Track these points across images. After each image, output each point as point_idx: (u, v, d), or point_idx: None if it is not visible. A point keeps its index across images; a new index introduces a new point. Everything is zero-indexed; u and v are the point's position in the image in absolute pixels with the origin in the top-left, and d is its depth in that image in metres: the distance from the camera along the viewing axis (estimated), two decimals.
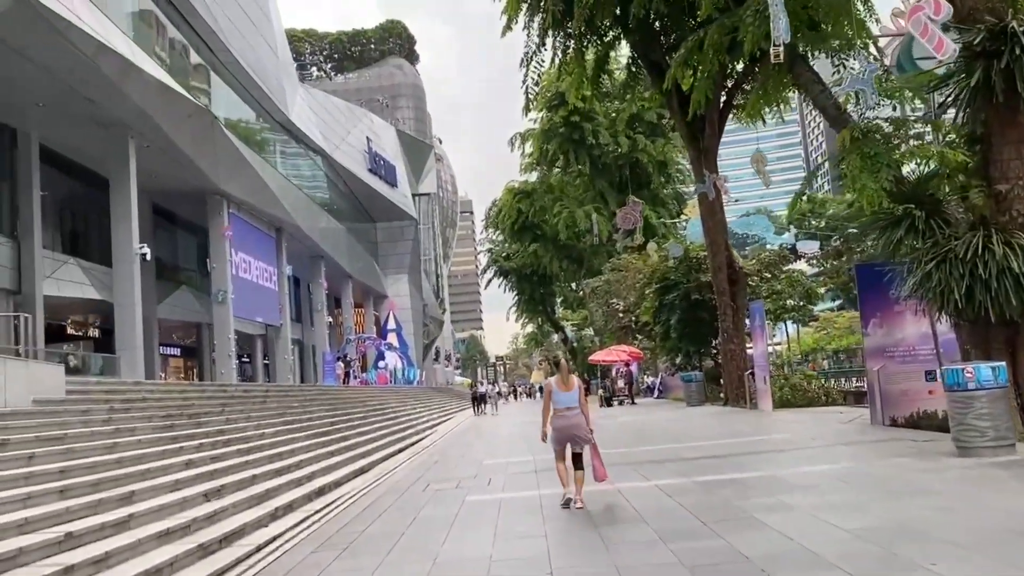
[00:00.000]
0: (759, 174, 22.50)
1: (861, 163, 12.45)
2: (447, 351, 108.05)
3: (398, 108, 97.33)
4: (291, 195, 39.79)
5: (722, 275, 27.99)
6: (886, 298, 16.74)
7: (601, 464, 9.78)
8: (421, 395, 46.06)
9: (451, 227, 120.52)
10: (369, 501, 11.40)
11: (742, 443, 15.10)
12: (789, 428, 17.65)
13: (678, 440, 16.82)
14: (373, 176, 56.69)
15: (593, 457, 9.73)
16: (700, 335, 33.91)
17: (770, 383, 24.19)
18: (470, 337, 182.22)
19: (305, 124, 44.88)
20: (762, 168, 22.01)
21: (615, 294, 48.37)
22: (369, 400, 29.90)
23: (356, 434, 19.93)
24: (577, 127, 57.37)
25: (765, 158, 22.02)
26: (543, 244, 65.42)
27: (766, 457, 12.65)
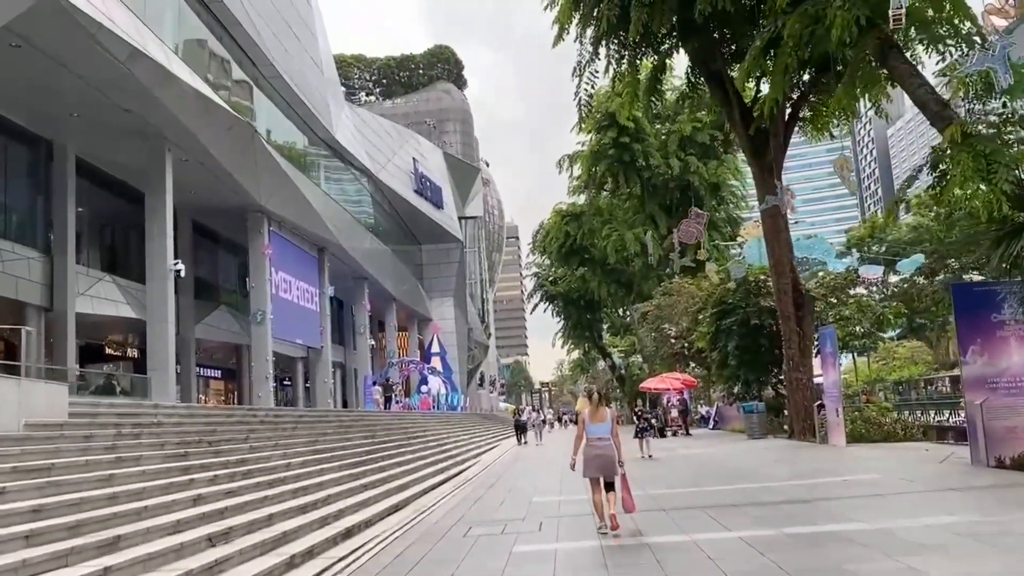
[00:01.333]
0: (843, 181, 20.63)
1: (973, 163, 10.71)
2: (492, 376, 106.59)
3: (445, 132, 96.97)
4: (334, 214, 38.82)
5: (787, 298, 26.09)
6: (987, 322, 14.91)
7: (630, 496, 10.10)
8: (465, 421, 44.53)
9: (497, 251, 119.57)
10: (401, 548, 9.86)
11: (826, 484, 13.27)
12: (874, 467, 15.72)
13: (750, 479, 15.01)
14: (419, 197, 55.70)
15: (623, 489, 9.98)
16: (760, 363, 31.96)
17: (842, 416, 22.17)
18: (515, 363, 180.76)
19: (350, 143, 44.03)
20: (847, 174, 20.11)
21: (666, 319, 46.48)
22: (410, 427, 28.46)
23: (393, 464, 18.47)
24: (627, 148, 55.80)
25: (851, 163, 20.10)
26: (591, 268, 63.77)
27: (863, 504, 10.84)
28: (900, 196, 13.49)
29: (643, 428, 22.80)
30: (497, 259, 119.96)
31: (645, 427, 22.94)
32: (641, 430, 22.67)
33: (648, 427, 23.20)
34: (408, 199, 53.66)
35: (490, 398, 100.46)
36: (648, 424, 23.45)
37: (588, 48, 26.21)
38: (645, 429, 22.77)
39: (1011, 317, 14.87)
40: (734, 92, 26.82)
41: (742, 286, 32.69)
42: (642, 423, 23.12)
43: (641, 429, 22.71)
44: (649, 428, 23.35)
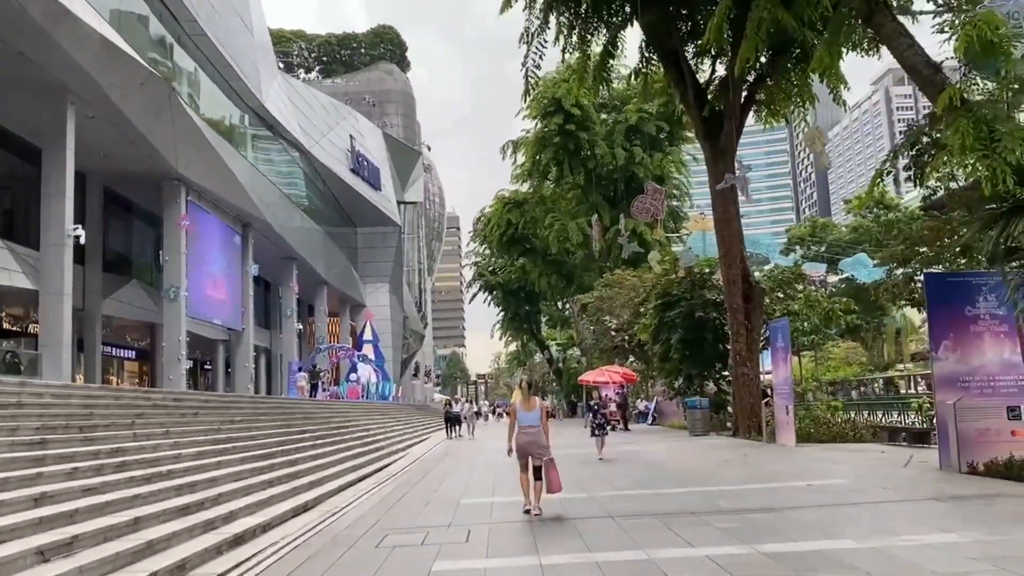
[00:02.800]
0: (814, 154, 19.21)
1: (975, 130, 9.37)
2: (427, 367, 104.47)
3: (386, 114, 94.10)
4: (261, 188, 36.49)
5: (736, 290, 24.90)
6: (961, 315, 13.75)
7: (557, 477, 10.71)
8: (395, 412, 42.57)
9: (437, 240, 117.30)
10: (296, 562, 8.06)
11: (789, 490, 11.88)
12: (835, 471, 14.44)
13: (703, 481, 13.57)
14: (355, 177, 53.38)
15: (550, 470, 10.65)
16: (703, 357, 30.85)
17: (793, 414, 21.03)
18: (452, 354, 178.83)
19: (282, 115, 41.64)
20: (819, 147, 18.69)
21: (607, 311, 45.26)
22: (333, 416, 26.48)
23: (308, 457, 16.56)
24: (572, 136, 54.49)
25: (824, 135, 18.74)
26: (532, 258, 62.40)
27: (839, 515, 9.43)
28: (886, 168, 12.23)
29: (600, 424, 19.54)
30: (437, 248, 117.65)
31: (602, 423, 19.62)
32: (598, 427, 19.49)
33: (605, 423, 19.92)
34: (343, 178, 51.33)
35: (424, 389, 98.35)
36: (605, 420, 20.13)
37: (538, 16, 24.58)
38: (602, 426, 19.51)
39: (986, 311, 13.77)
40: (688, 71, 25.53)
41: (687, 278, 31.54)
42: (598, 419, 19.73)
43: (598, 426, 19.51)
44: (606, 424, 20.06)
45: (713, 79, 26.07)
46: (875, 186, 12.40)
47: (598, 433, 19.26)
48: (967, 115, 9.56)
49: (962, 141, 9.34)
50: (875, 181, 12.52)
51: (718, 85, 25.75)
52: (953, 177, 12.58)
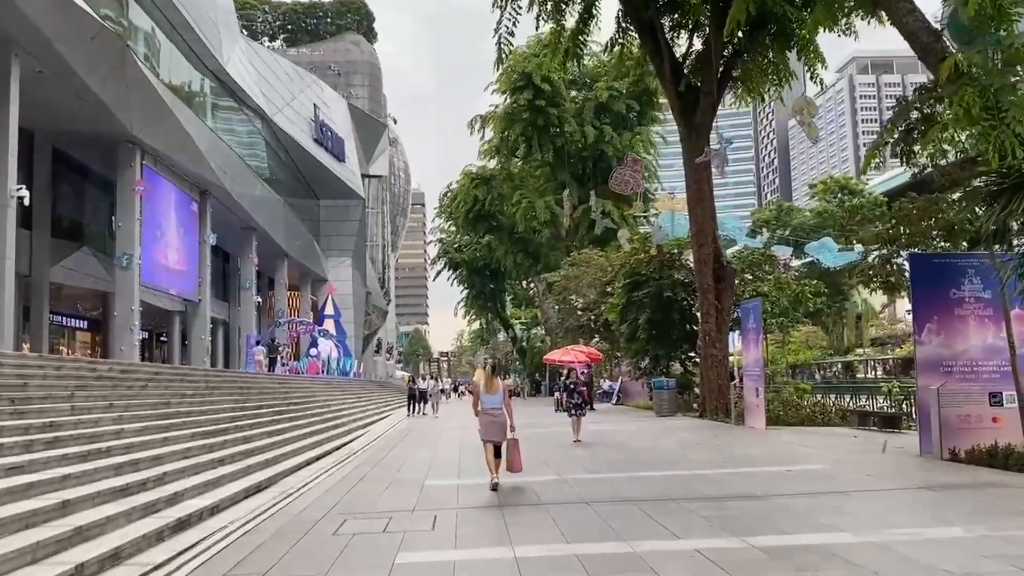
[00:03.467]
0: (803, 126, 18.68)
1: (980, 98, 8.83)
2: (390, 344, 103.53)
3: (352, 86, 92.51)
4: (221, 155, 35.19)
5: (707, 269, 24.46)
6: (946, 298, 13.34)
7: (519, 457, 11.04)
8: (356, 388, 41.74)
9: (401, 216, 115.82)
10: (243, 551, 7.33)
11: (770, 476, 11.39)
12: (812, 456, 14.01)
13: (677, 464, 13.04)
14: (319, 147, 52.01)
15: (513, 451, 10.97)
16: (671, 338, 30.48)
17: (763, 396, 20.66)
18: (415, 331, 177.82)
19: (244, 80, 40.22)
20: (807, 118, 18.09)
21: (573, 290, 44.75)
22: (292, 391, 25.61)
23: (263, 434, 15.76)
24: (542, 112, 53.61)
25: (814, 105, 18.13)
26: (498, 236, 61.61)
27: (828, 504, 8.92)
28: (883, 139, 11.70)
29: (577, 404, 18.03)
30: (401, 224, 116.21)
31: (579, 403, 18.11)
32: (575, 406, 18.02)
33: (583, 403, 18.41)
34: (306, 148, 49.97)
35: (386, 365, 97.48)
36: (582, 399, 18.47)
37: None
38: (579, 405, 18.05)
39: (971, 294, 13.38)
40: (665, 44, 24.88)
41: (656, 258, 31.07)
42: (575, 398, 18.16)
43: (575, 405, 18.03)
44: (584, 404, 18.58)
45: (690, 53, 25.49)
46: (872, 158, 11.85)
47: (575, 413, 18.05)
48: (972, 84, 9.03)
49: (967, 111, 8.82)
50: (871, 153, 11.97)
51: (695, 60, 25.16)
52: (944, 154, 12.10)
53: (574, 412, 18.14)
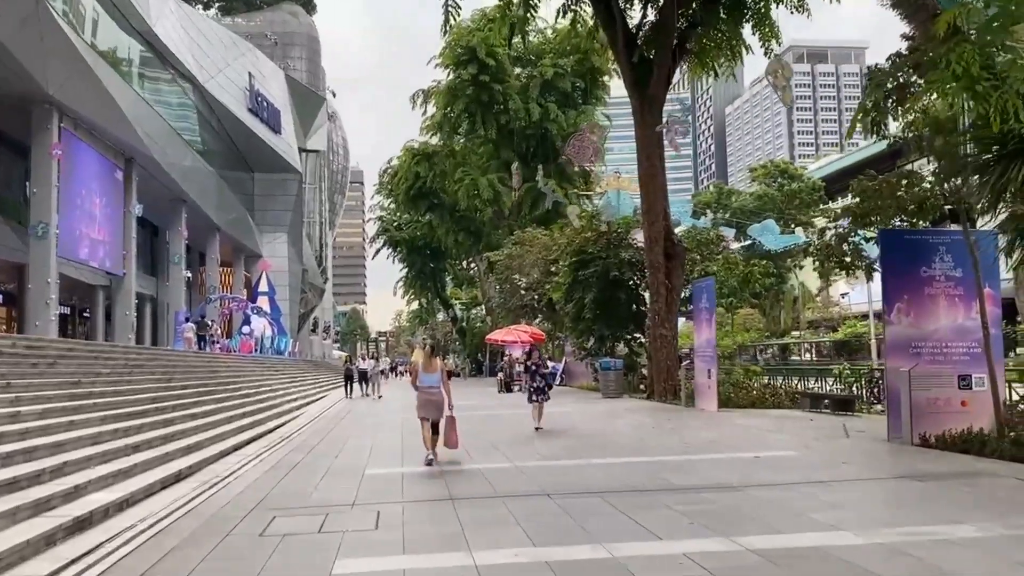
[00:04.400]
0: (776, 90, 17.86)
1: (981, 58, 8.11)
2: (327, 323, 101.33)
3: (290, 58, 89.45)
4: (148, 120, 33.16)
5: (658, 248, 23.75)
6: (917, 276, 12.77)
7: (455, 434, 11.47)
8: (291, 368, 40.21)
9: (340, 194, 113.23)
10: (151, 558, 6.20)
11: (738, 463, 10.64)
12: (776, 441, 13.36)
13: (639, 451, 12.22)
14: (253, 117, 49.81)
15: (450, 429, 11.39)
16: (617, 318, 29.84)
17: (715, 378, 20.07)
18: (352, 311, 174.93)
19: (173, 43, 38.02)
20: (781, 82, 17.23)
21: (516, 270, 43.84)
22: (221, 371, 24.15)
23: (187, 416, 14.47)
24: (486, 88, 52.39)
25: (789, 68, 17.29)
26: (439, 214, 60.33)
27: (811, 495, 8.17)
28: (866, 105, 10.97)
29: (538, 388, 15.85)
30: (339, 201, 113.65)
31: (541, 387, 15.88)
32: (536, 391, 15.85)
33: (545, 387, 16.04)
34: (240, 117, 47.76)
35: (323, 345, 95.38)
36: (545, 382, 16.10)
37: None
38: (541, 390, 15.85)
39: (942, 272, 12.83)
40: (619, 14, 23.97)
41: (603, 236, 30.36)
42: (537, 381, 15.89)
43: (536, 390, 15.85)
44: (546, 389, 16.09)
45: (644, 24, 24.63)
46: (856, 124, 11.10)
47: (536, 399, 15.86)
48: (968, 42, 8.31)
49: (966, 70, 8.10)
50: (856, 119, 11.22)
51: (649, 30, 24.34)
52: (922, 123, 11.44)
53: (535, 397, 15.92)
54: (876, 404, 19.57)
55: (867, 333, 49.16)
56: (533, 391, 16.01)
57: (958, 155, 10.57)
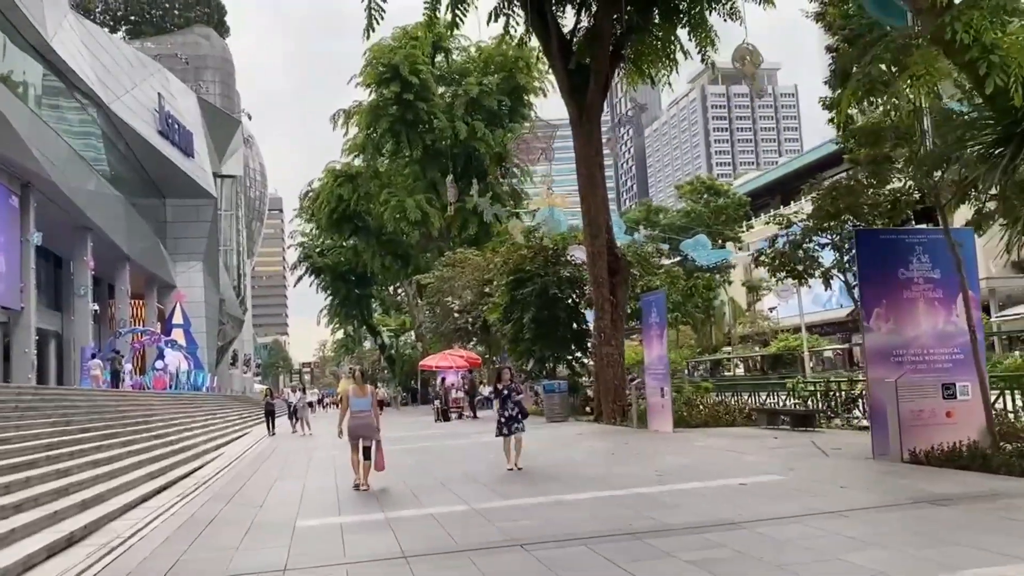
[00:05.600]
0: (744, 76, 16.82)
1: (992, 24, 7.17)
2: (247, 355, 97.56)
3: (203, 81, 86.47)
4: (45, 142, 30.67)
5: (601, 262, 22.68)
6: (894, 279, 11.87)
7: (382, 457, 11.98)
8: (209, 404, 37.69)
9: (258, 221, 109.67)
10: None
11: (725, 492, 9.44)
12: (752, 464, 12.21)
13: (607, 483, 10.90)
14: (164, 140, 47.20)
15: (377, 451, 11.88)
16: (557, 337, 28.69)
17: (670, 397, 18.99)
18: (274, 342, 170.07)
19: (74, 60, 35.56)
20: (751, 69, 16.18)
21: (449, 292, 42.38)
22: (130, 410, 21.93)
23: (87, 465, 12.59)
24: (411, 106, 51.00)
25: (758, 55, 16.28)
26: (364, 238, 58.48)
27: (832, 531, 6.97)
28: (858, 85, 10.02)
29: (511, 418, 12.88)
30: (258, 229, 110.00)
31: (515, 415, 12.91)
32: (508, 421, 12.88)
33: (521, 415, 13.04)
34: (150, 140, 45.17)
35: (244, 379, 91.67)
36: (520, 411, 13.09)
37: None
38: (514, 419, 12.88)
39: (920, 274, 11.97)
40: (553, 20, 23.00)
41: (540, 254, 29.25)
42: (510, 409, 12.90)
43: (508, 420, 12.89)
44: (522, 417, 13.07)
45: (578, 30, 23.67)
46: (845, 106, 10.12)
47: (509, 431, 12.89)
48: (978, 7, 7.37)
49: (976, 38, 7.16)
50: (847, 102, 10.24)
51: (585, 36, 23.37)
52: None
53: (508, 429, 12.90)
54: (835, 419, 18.77)
55: (800, 347, 49.41)
56: (505, 421, 12.96)
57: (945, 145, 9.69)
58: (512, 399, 13.04)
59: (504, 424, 12.98)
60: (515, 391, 13.27)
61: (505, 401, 13.06)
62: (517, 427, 12.92)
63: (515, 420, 12.93)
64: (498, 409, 13.38)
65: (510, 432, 12.92)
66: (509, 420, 12.92)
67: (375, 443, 11.68)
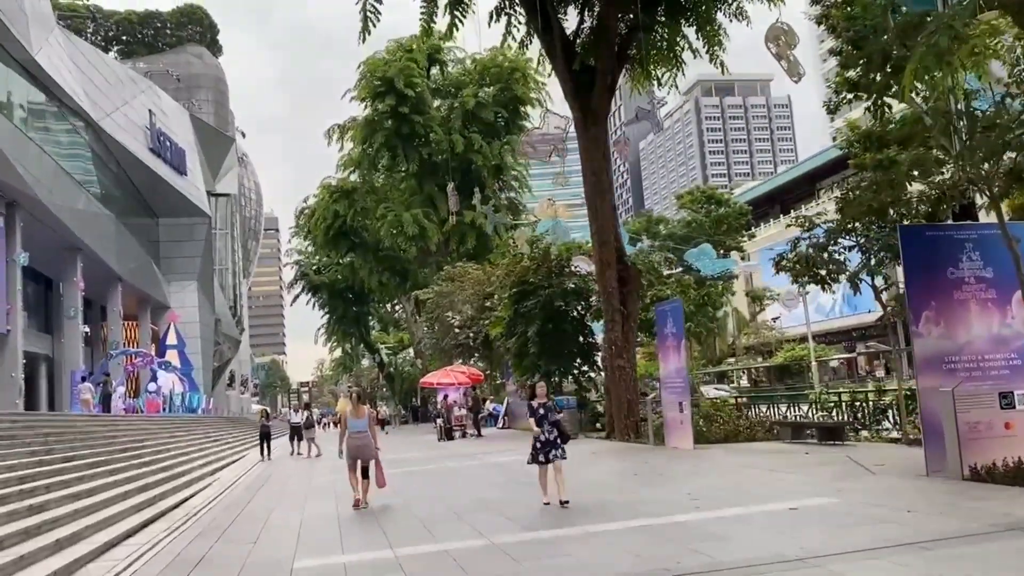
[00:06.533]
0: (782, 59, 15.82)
1: None
2: (244, 376, 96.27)
3: (196, 100, 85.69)
4: (32, 159, 29.70)
5: (611, 272, 21.70)
6: (943, 279, 10.88)
7: (382, 474, 12.40)
8: (205, 426, 36.51)
9: (254, 240, 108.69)
10: None
11: (775, 519, 8.41)
12: (794, 485, 11.15)
13: (638, 510, 9.82)
14: (156, 158, 46.24)
15: (377, 469, 12.30)
16: (562, 351, 27.63)
17: (689, 411, 17.96)
18: (271, 362, 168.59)
19: (61, 75, 34.63)
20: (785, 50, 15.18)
21: (448, 307, 41.31)
22: (118, 435, 20.80)
23: (67, 498, 11.53)
24: (406, 120, 50.17)
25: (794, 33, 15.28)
26: (361, 254, 57.43)
27: (919, 569, 5.95)
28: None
29: (549, 443, 10.65)
30: (254, 248, 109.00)
31: (554, 439, 10.68)
32: (545, 446, 10.65)
33: (561, 437, 10.80)
34: (141, 158, 44.19)
35: (241, 400, 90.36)
36: (562, 433, 10.87)
37: None
38: (552, 444, 10.65)
39: (971, 273, 10.99)
40: (556, 20, 22.10)
41: (543, 265, 28.25)
42: (547, 431, 10.68)
43: (545, 444, 10.65)
44: (562, 440, 10.79)
45: (582, 30, 22.78)
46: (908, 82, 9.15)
47: (546, 458, 10.68)
48: None
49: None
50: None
51: (589, 36, 22.49)
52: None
53: (543, 456, 10.71)
54: (862, 431, 17.75)
55: (807, 356, 48.44)
56: (541, 446, 10.71)
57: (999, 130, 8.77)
58: (549, 418, 10.82)
59: (540, 450, 10.74)
60: (552, 409, 11.06)
61: (541, 421, 10.78)
62: (555, 453, 10.66)
63: (553, 445, 10.69)
64: (535, 425, 10.84)
65: (547, 460, 10.70)
66: (546, 445, 10.71)
67: (374, 462, 12.18)
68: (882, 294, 16.27)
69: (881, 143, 14.45)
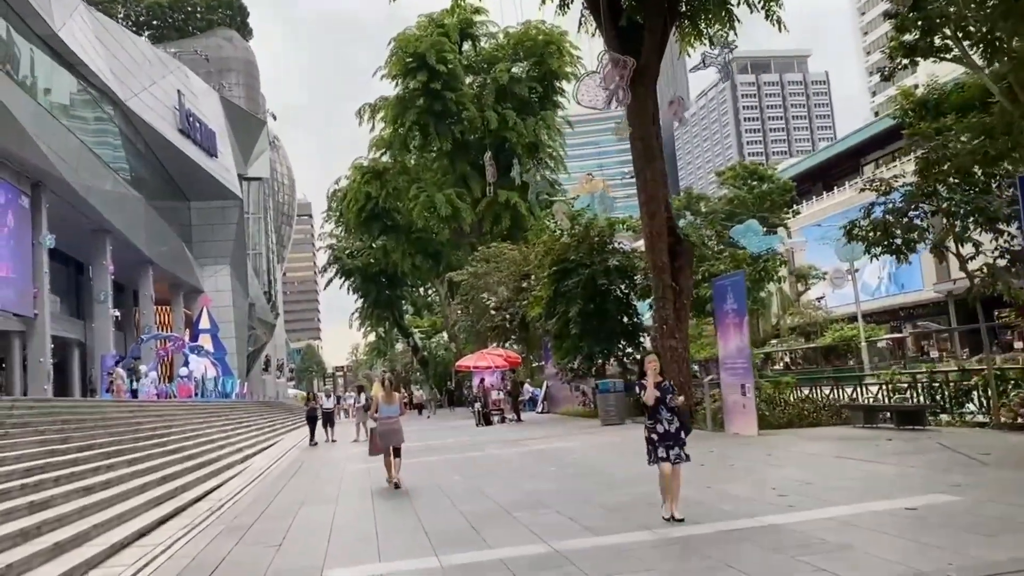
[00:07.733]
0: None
1: None
2: (280, 360, 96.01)
3: (226, 82, 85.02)
4: (57, 138, 28.88)
5: (662, 245, 20.15)
6: None
7: None
8: (236, 412, 35.66)
9: (287, 225, 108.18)
10: None
11: (891, 521, 7.03)
12: (893, 477, 9.71)
13: (719, 510, 8.44)
14: (185, 139, 45.41)
15: None
16: (605, 332, 26.23)
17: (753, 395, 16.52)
18: (307, 347, 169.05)
19: (87, 53, 33.80)
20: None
21: (484, 288, 40.04)
22: (144, 422, 19.83)
23: (78, 491, 10.48)
24: (438, 97, 48.72)
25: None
26: (394, 237, 56.29)
27: None
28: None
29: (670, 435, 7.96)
30: (287, 234, 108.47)
31: (675, 431, 7.99)
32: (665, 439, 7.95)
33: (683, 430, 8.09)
34: (170, 139, 43.38)
35: (276, 384, 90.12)
36: (682, 424, 8.09)
37: None
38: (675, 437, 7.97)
39: None
40: None
41: (585, 241, 26.84)
42: (666, 420, 8.01)
43: (664, 437, 7.95)
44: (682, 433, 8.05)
45: None
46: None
47: (667, 456, 7.92)
48: None
49: None
50: None
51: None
52: None
53: (664, 452, 7.93)
54: (941, 414, 16.19)
55: (856, 336, 46.48)
56: (659, 439, 7.98)
57: None
58: (668, 403, 8.08)
59: (659, 442, 7.97)
60: (670, 390, 8.23)
61: (657, 407, 8.08)
62: (678, 452, 7.95)
63: (675, 439, 7.96)
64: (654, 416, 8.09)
65: (669, 458, 7.89)
66: (665, 438, 7.96)
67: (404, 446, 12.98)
68: (968, 263, 14.67)
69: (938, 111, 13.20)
